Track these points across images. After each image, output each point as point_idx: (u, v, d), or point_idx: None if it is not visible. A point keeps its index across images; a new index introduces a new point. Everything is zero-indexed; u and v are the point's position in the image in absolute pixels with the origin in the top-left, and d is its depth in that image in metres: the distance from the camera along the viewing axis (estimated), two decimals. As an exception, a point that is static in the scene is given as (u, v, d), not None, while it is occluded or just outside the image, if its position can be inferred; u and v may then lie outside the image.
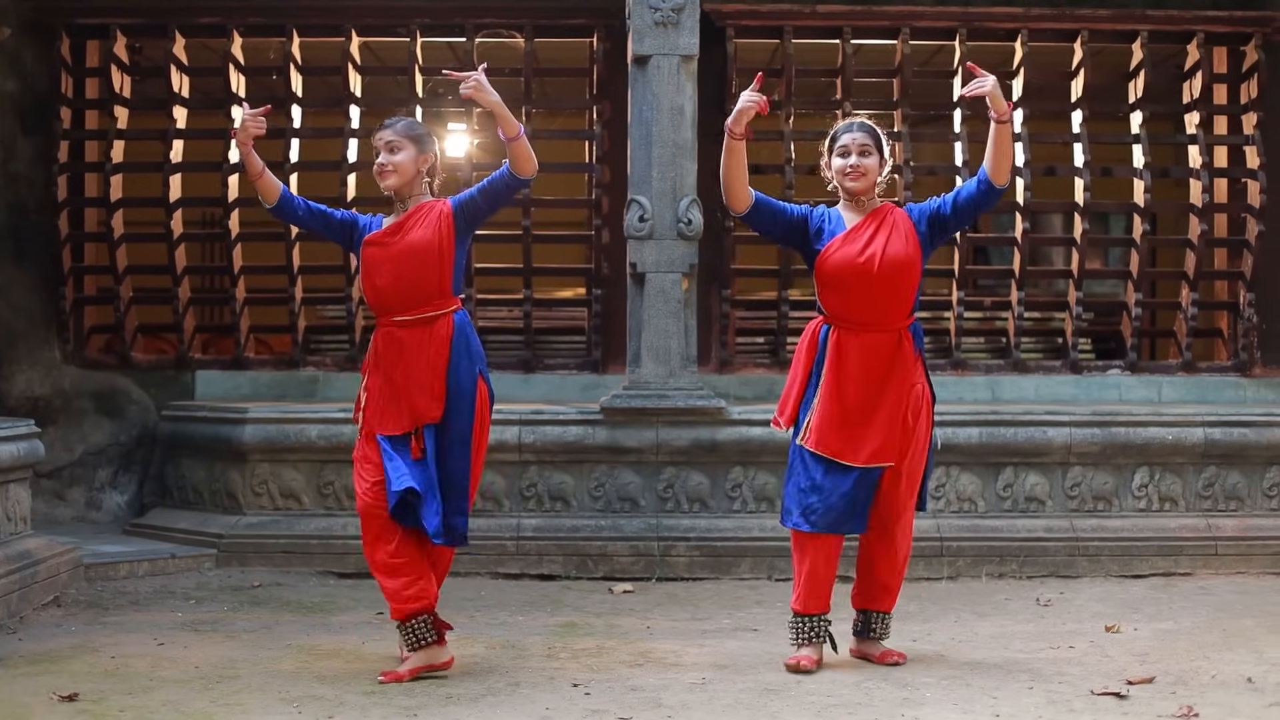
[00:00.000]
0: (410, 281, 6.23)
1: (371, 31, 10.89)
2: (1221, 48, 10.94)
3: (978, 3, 10.82)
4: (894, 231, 6.27)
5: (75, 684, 5.90)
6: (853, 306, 6.27)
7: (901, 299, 6.29)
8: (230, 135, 10.15)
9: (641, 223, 9.12)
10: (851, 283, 6.23)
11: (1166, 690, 5.91)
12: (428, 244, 6.21)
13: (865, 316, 6.26)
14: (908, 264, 6.25)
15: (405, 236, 6.25)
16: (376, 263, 6.28)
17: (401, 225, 6.29)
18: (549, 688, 5.96)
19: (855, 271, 6.22)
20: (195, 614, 7.62)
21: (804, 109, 10.96)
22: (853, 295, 6.25)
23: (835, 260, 6.25)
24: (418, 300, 6.24)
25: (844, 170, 6.29)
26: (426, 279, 6.24)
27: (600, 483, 9.10)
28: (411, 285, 6.23)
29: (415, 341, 6.22)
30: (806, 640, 6.38)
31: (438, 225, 6.24)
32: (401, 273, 6.22)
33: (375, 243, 6.30)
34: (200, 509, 9.52)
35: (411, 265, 6.22)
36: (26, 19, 10.62)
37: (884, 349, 6.27)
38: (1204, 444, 9.25)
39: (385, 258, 6.25)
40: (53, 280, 10.70)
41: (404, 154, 6.29)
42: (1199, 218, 10.74)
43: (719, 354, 10.65)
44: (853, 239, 6.26)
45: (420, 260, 6.21)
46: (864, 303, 6.25)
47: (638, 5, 9.12)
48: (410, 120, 6.53)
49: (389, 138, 6.32)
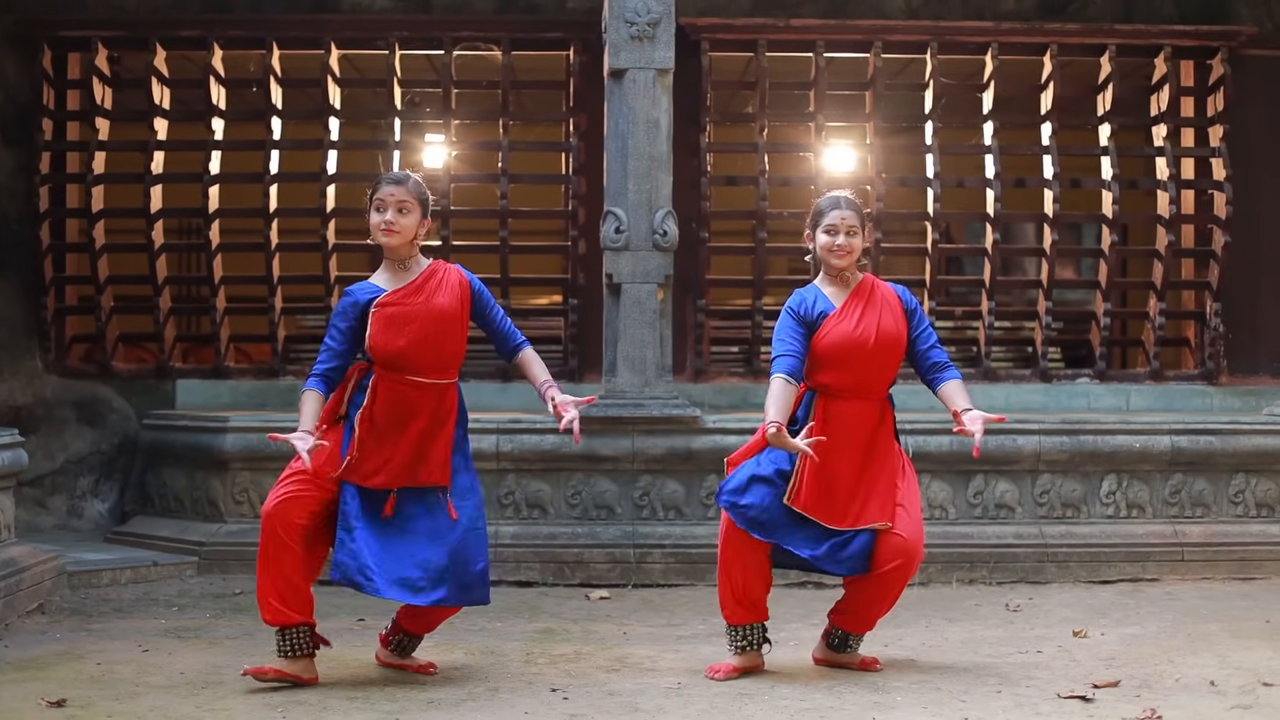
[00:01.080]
0: (435, 346, 6.22)
1: (351, 44, 10.98)
2: (1188, 61, 11.10)
3: (949, 16, 10.97)
4: (884, 308, 6.39)
5: (63, 690, 5.96)
6: (846, 379, 6.35)
7: (890, 371, 6.43)
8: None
9: (617, 234, 9.22)
10: (848, 359, 6.32)
11: (1131, 693, 6.02)
12: (454, 313, 6.25)
13: (856, 388, 6.36)
14: (898, 340, 6.39)
15: (430, 300, 6.22)
16: (398, 322, 6.18)
17: (421, 288, 6.24)
18: (528, 693, 6.05)
19: (852, 348, 6.31)
20: (178, 621, 7.69)
21: (777, 121, 11.08)
22: (848, 369, 6.33)
23: (831, 339, 6.33)
24: (439, 366, 6.26)
25: (830, 248, 6.36)
26: (451, 346, 6.29)
27: (577, 491, 9.18)
28: (436, 350, 6.23)
29: (428, 406, 6.24)
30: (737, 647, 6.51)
31: (460, 296, 6.26)
32: (428, 336, 6.19)
33: (394, 304, 6.19)
34: (182, 517, 9.59)
35: (438, 330, 6.21)
36: (8, 31, 10.72)
37: (869, 416, 6.38)
38: (1171, 451, 9.37)
39: (409, 318, 6.19)
40: (34, 290, 10.77)
41: (411, 217, 6.21)
42: (1166, 228, 10.90)
43: (694, 363, 10.76)
44: (845, 317, 6.36)
45: (446, 327, 6.23)
46: (858, 375, 6.34)
47: (614, 19, 9.21)
48: (418, 180, 6.34)
49: (401, 197, 6.20)
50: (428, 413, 6.24)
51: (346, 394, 6.29)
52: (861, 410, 6.36)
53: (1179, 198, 10.91)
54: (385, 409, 6.21)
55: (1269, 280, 11.04)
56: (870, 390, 6.38)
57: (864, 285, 6.46)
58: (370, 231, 6.29)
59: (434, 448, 6.25)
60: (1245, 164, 10.84)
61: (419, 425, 6.22)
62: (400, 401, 6.21)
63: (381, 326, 6.17)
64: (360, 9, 10.89)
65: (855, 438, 6.34)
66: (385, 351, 6.19)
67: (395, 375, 6.21)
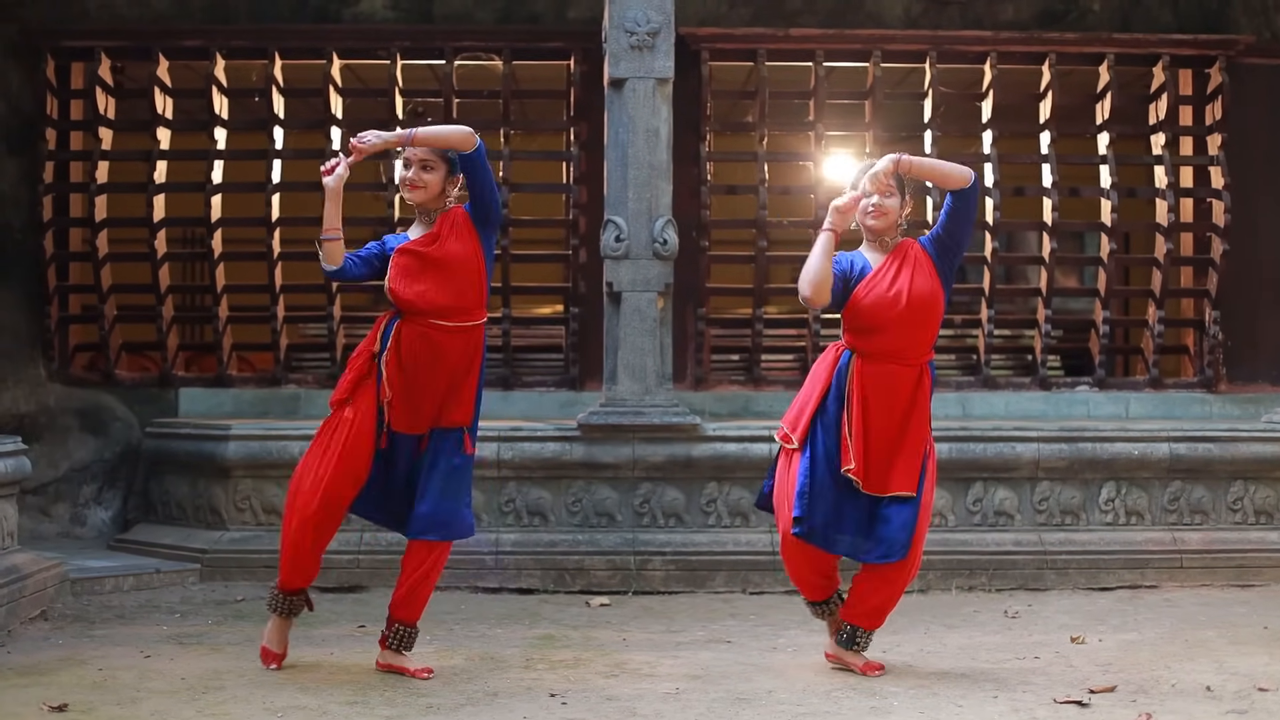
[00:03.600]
0: (453, 290, 6.41)
1: (352, 54, 11.04)
2: (1186, 70, 11.14)
3: (948, 26, 11.03)
4: (917, 267, 6.44)
5: (64, 695, 6.00)
6: (883, 342, 6.42)
7: (928, 333, 6.49)
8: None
9: (618, 243, 9.25)
10: (883, 321, 6.39)
11: (1127, 699, 6.06)
12: (466, 255, 6.41)
13: (893, 350, 6.42)
14: (932, 298, 6.43)
15: (444, 246, 6.41)
16: (415, 269, 6.41)
17: (437, 235, 6.44)
18: (527, 697, 6.08)
19: (886, 309, 6.38)
20: (180, 627, 7.73)
21: (777, 130, 11.14)
22: (885, 333, 6.41)
23: (868, 302, 6.41)
24: (462, 309, 6.44)
25: (866, 209, 6.44)
26: (469, 289, 6.45)
27: (578, 498, 9.21)
28: (455, 293, 6.41)
29: (456, 348, 6.43)
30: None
31: (469, 233, 6.43)
32: (446, 281, 6.39)
33: (411, 251, 6.43)
34: (184, 524, 9.63)
35: (456, 275, 6.40)
36: (12, 41, 10.78)
37: (907, 382, 6.45)
38: (1169, 459, 9.40)
39: (425, 264, 6.41)
40: (38, 299, 10.83)
41: (434, 174, 6.42)
42: (1164, 237, 10.94)
43: (694, 371, 10.80)
44: (880, 278, 6.44)
45: (460, 270, 6.39)
46: (894, 338, 6.41)
47: (614, 29, 9.24)
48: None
49: (424, 155, 6.41)
50: (456, 355, 6.45)
51: (377, 340, 6.50)
52: (899, 374, 6.44)
53: (1178, 206, 10.96)
54: (411, 354, 6.42)
55: (1268, 288, 11.09)
56: (907, 354, 6.44)
57: (902, 247, 6.53)
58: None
59: (463, 389, 6.48)
60: (1243, 172, 10.88)
61: (448, 368, 6.44)
62: (426, 347, 6.42)
63: (398, 273, 6.42)
64: (362, 19, 10.95)
65: (893, 402, 6.43)
66: (402, 297, 6.42)
67: (419, 320, 6.42)
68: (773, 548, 8.93)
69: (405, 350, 6.42)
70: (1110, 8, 11.19)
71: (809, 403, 6.52)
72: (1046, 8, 11.18)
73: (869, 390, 6.40)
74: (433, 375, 6.42)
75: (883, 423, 6.40)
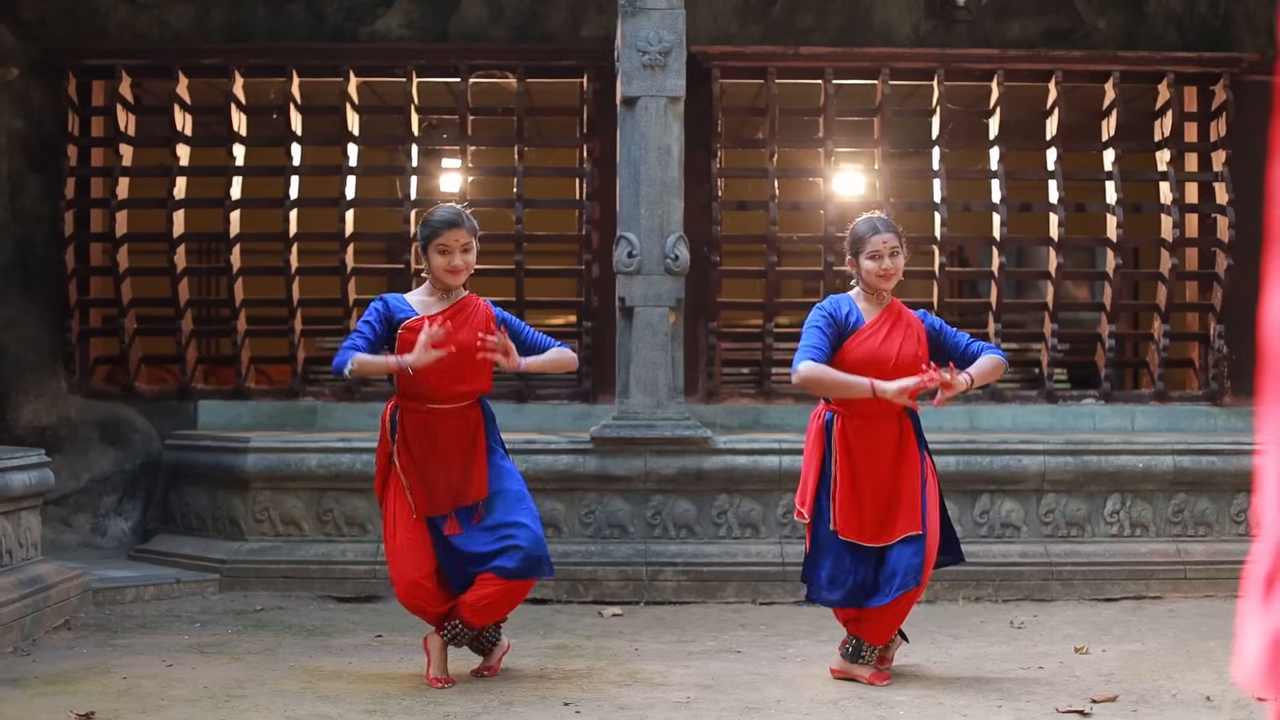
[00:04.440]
0: (456, 378, 6.47)
1: (369, 72, 11.17)
2: (1191, 87, 11.25)
3: (955, 44, 11.14)
4: (908, 331, 6.60)
5: (90, 703, 6.10)
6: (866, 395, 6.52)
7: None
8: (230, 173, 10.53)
9: (630, 258, 9.36)
10: (870, 375, 6.49)
11: (1128, 708, 6.15)
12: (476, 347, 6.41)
13: (875, 407, 6.53)
14: (917, 363, 6.54)
15: (457, 333, 6.39)
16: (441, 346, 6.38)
17: (451, 319, 6.46)
18: (541, 706, 6.17)
19: (878, 364, 6.51)
20: (201, 637, 7.83)
21: (787, 146, 11.27)
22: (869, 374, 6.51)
23: (861, 353, 6.54)
24: (458, 396, 6.52)
25: (878, 273, 6.56)
26: (472, 379, 6.54)
27: (590, 510, 9.32)
28: (457, 381, 6.48)
29: (451, 428, 6.51)
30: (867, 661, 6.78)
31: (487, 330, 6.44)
32: (450, 369, 6.40)
33: (420, 330, 6.37)
34: (203, 535, 9.76)
35: (461, 363, 6.40)
36: (35, 60, 10.92)
37: (890, 433, 6.59)
38: (1173, 471, 9.50)
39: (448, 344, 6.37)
40: (59, 313, 10.96)
41: (473, 254, 6.50)
42: (1170, 252, 11.05)
43: (705, 385, 10.91)
44: (874, 334, 6.57)
45: (468, 361, 6.41)
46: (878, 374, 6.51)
47: (626, 48, 9.35)
48: (468, 215, 6.57)
49: (465, 240, 6.45)
50: (457, 434, 6.51)
51: (388, 435, 6.56)
52: (881, 427, 6.58)
53: (1182, 221, 11.08)
54: (417, 439, 6.48)
55: (1272, 302, 11.17)
56: (889, 408, 6.55)
57: (894, 306, 6.69)
58: (433, 272, 6.51)
59: (474, 467, 6.53)
60: (1248, 188, 10.95)
61: (455, 448, 6.50)
62: (428, 429, 6.48)
63: (406, 350, 6.37)
64: (378, 37, 11.09)
65: (880, 455, 6.57)
66: (406, 377, 6.41)
67: (417, 404, 6.48)
68: (782, 559, 9.10)
69: (412, 439, 6.49)
70: (1116, 26, 11.30)
71: (809, 473, 6.69)
72: (1053, 26, 11.29)
73: (854, 447, 6.55)
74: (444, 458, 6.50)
75: (874, 478, 6.55)
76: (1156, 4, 11.27)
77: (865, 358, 6.54)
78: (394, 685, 6.59)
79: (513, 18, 11.10)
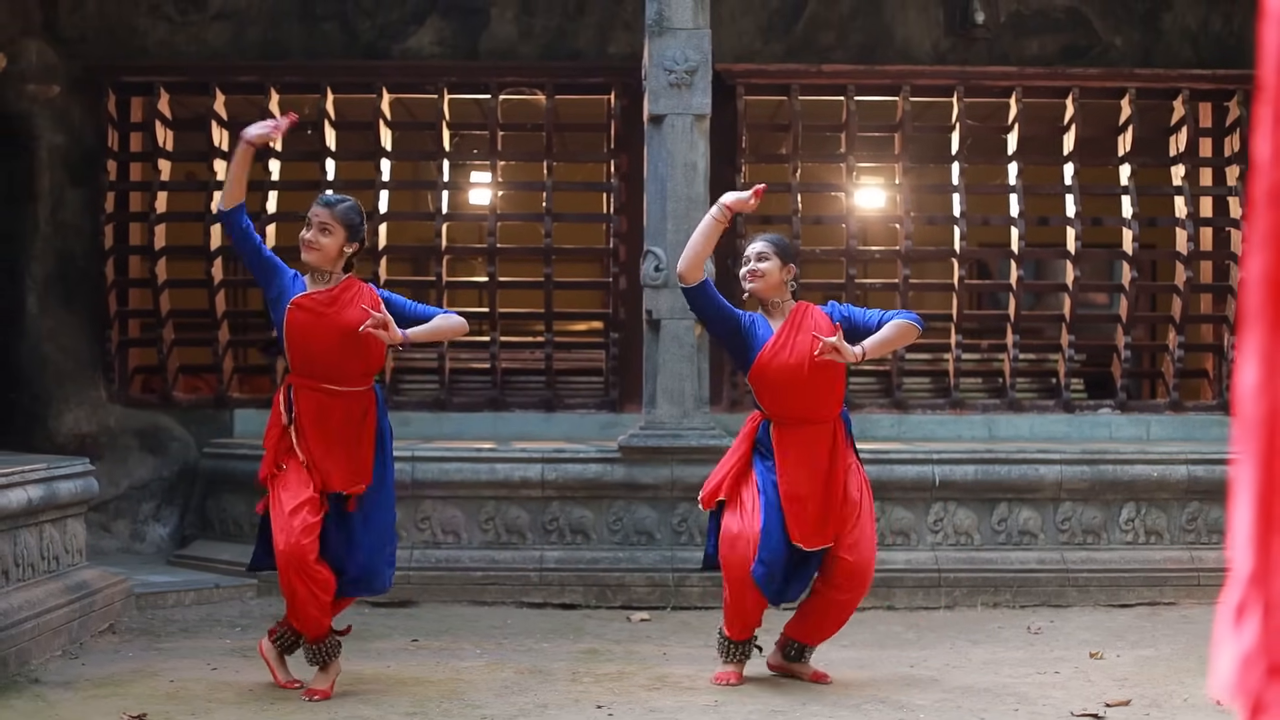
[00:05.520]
0: (350, 359, 6.59)
1: (402, 89, 11.36)
2: (1206, 104, 11.40)
3: (974, 61, 11.30)
4: (809, 329, 6.72)
5: (141, 705, 6.28)
6: (789, 405, 6.76)
7: (831, 392, 6.80)
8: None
9: (657, 272, 9.47)
10: (785, 384, 6.72)
11: (1141, 712, 6.32)
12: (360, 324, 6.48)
13: (801, 413, 6.76)
14: (829, 367, 6.69)
15: (342, 312, 6.52)
16: (309, 328, 6.54)
17: (336, 299, 6.57)
18: (575, 709, 6.35)
19: (788, 374, 6.70)
20: (242, 641, 7.99)
21: (810, 162, 11.44)
22: (788, 394, 6.75)
23: (770, 367, 6.74)
24: (355, 376, 6.64)
25: (743, 275, 6.84)
26: (362, 359, 6.65)
27: (618, 517, 9.46)
28: (351, 362, 6.60)
29: (346, 413, 6.62)
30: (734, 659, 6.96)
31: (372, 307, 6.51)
32: (342, 348, 6.54)
33: (306, 308, 6.55)
34: (241, 541, 9.90)
35: (353, 344, 6.52)
36: (75, 77, 11.12)
37: (824, 439, 6.79)
38: (1187, 480, 9.63)
39: (321, 327, 6.53)
40: (99, 323, 11.16)
41: (332, 238, 6.56)
42: (1184, 265, 11.21)
43: (730, 394, 11.08)
44: (780, 344, 6.74)
45: (355, 340, 6.49)
46: (799, 400, 6.75)
47: (653, 67, 9.47)
48: (349, 205, 6.68)
49: (324, 218, 6.54)
50: (348, 418, 6.62)
51: (282, 413, 6.69)
52: (814, 434, 6.77)
53: (1197, 235, 11.24)
54: (309, 417, 6.59)
55: (1285, 314, 11.32)
56: (817, 414, 6.77)
57: (796, 312, 6.85)
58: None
59: (360, 453, 6.63)
60: (1262, 202, 11.15)
61: (345, 432, 6.61)
62: (321, 408, 6.59)
63: (295, 329, 6.55)
64: (410, 55, 11.28)
65: (814, 460, 6.76)
66: (297, 356, 6.63)
67: (310, 382, 6.61)
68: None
69: (304, 415, 6.61)
70: (1132, 44, 11.45)
71: (724, 469, 6.90)
72: (1070, 44, 11.44)
73: (790, 453, 6.74)
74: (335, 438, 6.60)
75: (810, 483, 6.73)
76: (1172, 22, 11.44)
77: (778, 371, 6.71)
78: (432, 689, 6.75)
79: (542, 36, 11.30)
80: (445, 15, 11.29)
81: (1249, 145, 5.69)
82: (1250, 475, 1.49)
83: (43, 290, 11.16)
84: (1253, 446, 1.49)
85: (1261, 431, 1.47)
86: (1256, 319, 1.48)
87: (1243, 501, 1.51)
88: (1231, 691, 1.54)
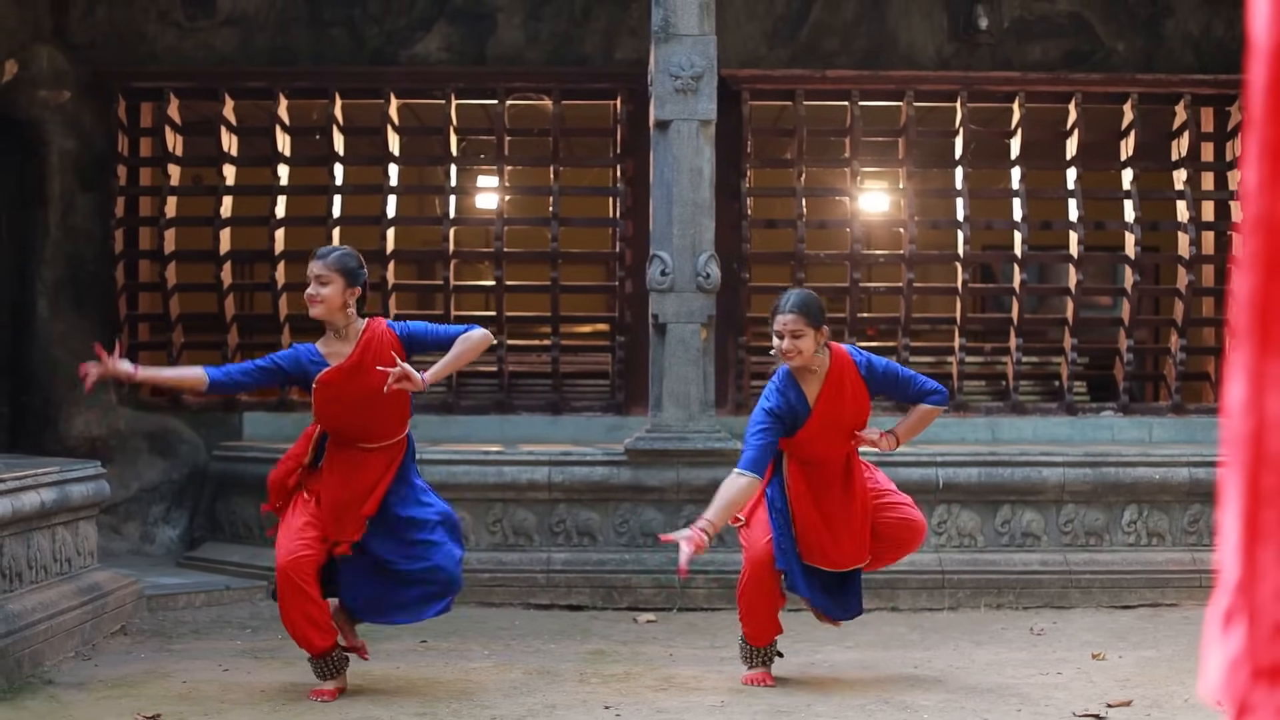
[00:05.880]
0: (381, 418, 6.64)
1: (409, 94, 11.41)
2: (1208, 108, 11.46)
3: (978, 67, 11.35)
4: (850, 395, 6.80)
5: (155, 706, 6.34)
6: (814, 451, 6.86)
7: (851, 438, 6.91)
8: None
9: (663, 276, 9.52)
10: (821, 445, 6.83)
11: (1142, 713, 6.37)
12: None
13: (823, 456, 6.87)
14: (861, 421, 6.85)
15: (366, 379, 6.48)
16: (337, 402, 6.56)
17: (359, 365, 6.53)
18: (583, 710, 6.41)
19: (827, 442, 6.82)
20: (253, 642, 8.06)
21: (814, 166, 11.49)
22: (818, 449, 6.85)
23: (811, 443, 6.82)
24: (389, 431, 6.70)
25: (782, 351, 6.74)
26: (400, 412, 6.72)
27: (625, 519, 9.51)
28: (382, 421, 6.66)
29: (375, 465, 6.67)
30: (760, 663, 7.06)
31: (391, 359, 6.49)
32: (371, 411, 6.57)
33: (335, 384, 6.54)
34: (250, 543, 10.01)
35: (380, 405, 6.54)
36: (85, 82, 11.21)
37: (836, 472, 6.88)
38: (1189, 482, 9.67)
39: (347, 399, 6.55)
40: (109, 327, 11.17)
41: (331, 288, 6.53)
42: (1186, 268, 11.26)
43: (735, 398, 11.14)
44: (821, 421, 6.77)
45: (384, 401, 6.51)
46: (826, 451, 6.85)
47: (659, 73, 9.51)
48: (342, 253, 6.65)
49: (319, 271, 6.52)
50: (379, 468, 6.68)
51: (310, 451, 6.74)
52: (828, 473, 6.89)
53: (1199, 239, 11.29)
54: (337, 474, 6.64)
55: (1287, 317, 11.36)
56: (835, 454, 6.89)
57: (833, 375, 6.80)
58: None
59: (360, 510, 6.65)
60: (1263, 206, 11.20)
61: (370, 478, 6.66)
62: (351, 463, 6.64)
63: (323, 407, 6.59)
64: (418, 61, 11.35)
65: (830, 485, 6.86)
66: (332, 426, 6.67)
67: (347, 441, 6.67)
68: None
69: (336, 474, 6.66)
70: (1134, 49, 11.50)
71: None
72: (1073, 49, 11.50)
73: (807, 486, 6.83)
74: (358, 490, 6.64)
75: (827, 507, 6.83)
76: (1174, 27, 11.50)
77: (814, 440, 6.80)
78: (441, 690, 6.80)
79: (548, 41, 11.37)
80: (452, 21, 11.35)
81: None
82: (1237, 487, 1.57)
83: (53, 294, 11.24)
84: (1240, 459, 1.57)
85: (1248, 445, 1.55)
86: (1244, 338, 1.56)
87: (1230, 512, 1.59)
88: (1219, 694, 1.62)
